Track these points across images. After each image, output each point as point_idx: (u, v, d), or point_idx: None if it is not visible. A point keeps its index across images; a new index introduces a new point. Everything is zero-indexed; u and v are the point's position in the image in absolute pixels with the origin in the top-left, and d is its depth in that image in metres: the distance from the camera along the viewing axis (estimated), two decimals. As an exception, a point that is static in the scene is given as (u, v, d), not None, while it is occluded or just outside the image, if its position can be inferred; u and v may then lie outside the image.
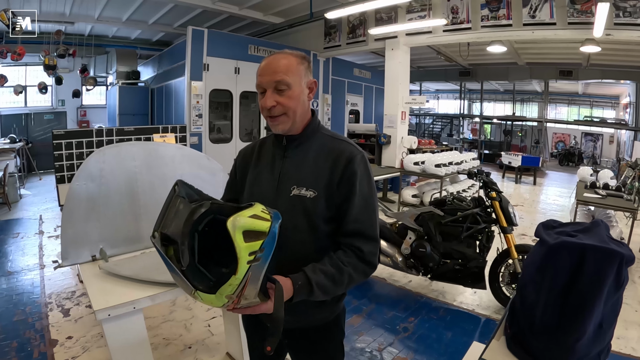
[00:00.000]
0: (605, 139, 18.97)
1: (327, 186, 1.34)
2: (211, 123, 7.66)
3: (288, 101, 1.33)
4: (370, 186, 1.39)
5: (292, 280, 1.22)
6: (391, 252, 4.13)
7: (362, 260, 1.33)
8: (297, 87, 1.35)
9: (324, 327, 1.50)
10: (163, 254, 1.10)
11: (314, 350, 1.53)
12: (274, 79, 1.31)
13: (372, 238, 1.36)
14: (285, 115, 1.35)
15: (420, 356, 3.10)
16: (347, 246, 1.34)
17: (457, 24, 7.05)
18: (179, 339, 3.23)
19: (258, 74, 1.36)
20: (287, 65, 1.33)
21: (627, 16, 5.60)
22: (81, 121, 13.09)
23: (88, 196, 2.32)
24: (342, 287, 1.32)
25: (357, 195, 1.34)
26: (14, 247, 5.35)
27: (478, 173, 4.20)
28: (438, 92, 23.38)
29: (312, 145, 1.42)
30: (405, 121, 8.35)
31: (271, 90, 1.33)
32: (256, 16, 9.16)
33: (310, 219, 1.33)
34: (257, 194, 1.41)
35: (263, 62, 1.37)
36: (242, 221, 1.00)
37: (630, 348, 3.21)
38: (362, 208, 1.34)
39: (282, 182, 1.39)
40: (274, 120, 1.36)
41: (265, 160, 1.47)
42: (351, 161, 1.35)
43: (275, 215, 1.08)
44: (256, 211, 1.05)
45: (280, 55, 1.36)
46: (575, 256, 1.31)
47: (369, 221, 1.36)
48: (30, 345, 3.06)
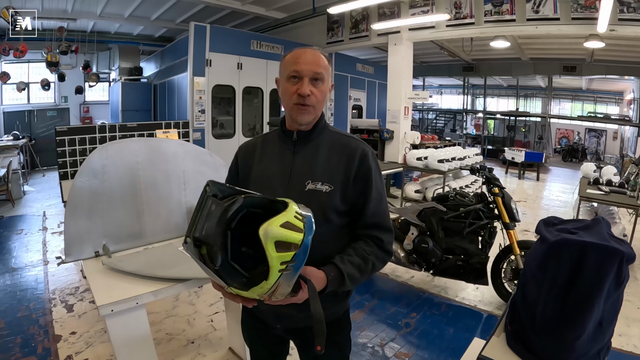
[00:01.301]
0: (609, 135, 18.88)
1: (343, 181, 1.38)
2: (214, 119, 7.67)
3: (320, 94, 1.38)
4: (382, 181, 1.47)
5: (325, 273, 1.26)
6: (393, 248, 4.13)
7: (382, 249, 1.40)
8: (327, 84, 1.41)
9: (334, 321, 1.51)
10: (196, 257, 1.08)
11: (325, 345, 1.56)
12: (314, 70, 1.35)
13: (389, 229, 1.44)
14: (314, 106, 1.39)
15: (422, 352, 3.11)
16: (367, 237, 1.40)
17: (460, 19, 7.02)
18: (182, 334, 3.25)
19: (295, 61, 1.36)
20: (323, 60, 1.38)
21: (632, 11, 5.56)
22: (84, 117, 13.10)
23: (91, 192, 2.33)
24: (367, 276, 1.37)
25: (374, 189, 1.40)
26: (18, 243, 5.38)
27: (481, 169, 4.19)
28: (441, 88, 23.28)
29: (322, 141, 1.45)
30: (408, 116, 8.33)
31: (308, 79, 1.35)
32: (259, 11, 9.13)
33: (325, 213, 1.37)
34: (265, 190, 1.38)
35: (300, 51, 1.38)
36: (274, 231, 0.99)
37: (632, 345, 3.21)
38: (377, 202, 1.41)
39: (294, 178, 1.41)
40: (303, 108, 1.37)
41: (272, 156, 1.48)
42: (365, 157, 1.41)
43: (308, 221, 1.06)
44: (289, 217, 1.03)
45: (317, 51, 1.39)
46: (576, 254, 1.31)
47: (385, 214, 1.44)
48: (34, 340, 3.08)
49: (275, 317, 1.48)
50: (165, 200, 2.65)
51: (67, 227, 2.27)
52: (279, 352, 1.70)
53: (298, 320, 1.45)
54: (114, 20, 10.01)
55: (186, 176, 2.72)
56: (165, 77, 8.89)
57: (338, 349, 1.59)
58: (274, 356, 1.70)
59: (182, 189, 2.71)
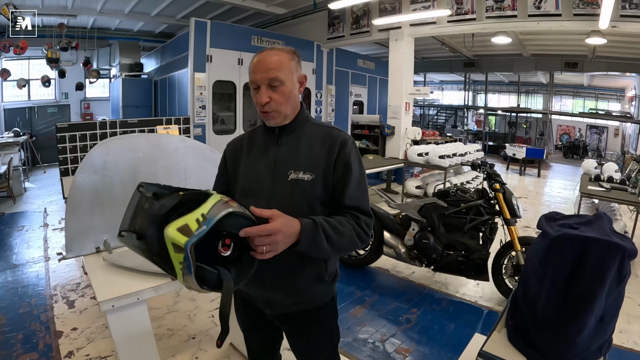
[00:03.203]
0: (610, 131, 18.85)
1: (324, 169, 1.41)
2: (215, 114, 7.66)
3: (281, 97, 1.39)
4: (361, 167, 1.47)
5: (299, 220, 1.25)
6: (394, 243, 4.14)
7: (359, 226, 1.39)
8: (290, 82, 1.41)
9: (321, 307, 1.55)
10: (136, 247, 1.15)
11: (313, 332, 1.58)
12: (267, 76, 1.36)
13: (367, 212, 1.44)
14: (277, 111, 1.41)
15: (423, 347, 3.11)
16: (346, 212, 1.41)
17: (462, 15, 7.00)
18: (183, 330, 3.25)
19: (251, 70, 1.40)
20: (279, 62, 1.38)
21: (634, 8, 5.53)
22: (85, 114, 13.09)
23: (92, 188, 2.33)
24: (344, 241, 1.34)
25: (353, 174, 1.41)
26: (19, 240, 5.38)
27: (482, 165, 4.19)
28: (442, 83, 23.25)
29: (304, 131, 1.48)
30: (409, 112, 8.33)
31: (265, 87, 1.38)
32: (259, 7, 9.11)
33: (309, 202, 1.40)
34: (254, 181, 1.47)
35: (255, 59, 1.41)
36: (168, 234, 1.04)
37: (632, 342, 3.21)
38: (356, 186, 1.42)
39: (278, 167, 1.44)
40: (267, 115, 1.41)
41: (258, 149, 1.52)
42: (345, 144, 1.43)
43: (206, 224, 1.07)
44: (190, 219, 1.06)
45: (271, 52, 1.40)
46: (578, 249, 1.31)
47: (363, 198, 1.45)
48: (35, 336, 3.09)
49: (265, 303, 1.52)
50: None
51: (68, 223, 2.27)
52: (271, 339, 1.73)
53: (286, 306, 1.50)
54: (114, 17, 9.99)
55: (187, 171, 2.72)
56: (165, 73, 8.87)
57: (327, 337, 1.62)
58: (268, 344, 1.74)
59: (183, 185, 2.69)
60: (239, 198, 1.44)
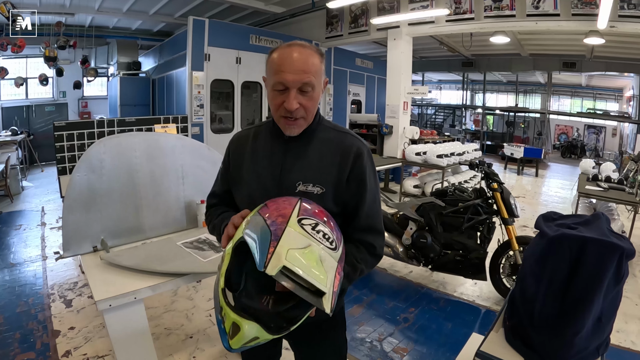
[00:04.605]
0: (608, 131, 18.88)
1: (335, 183, 1.30)
2: (212, 113, 7.64)
3: (310, 103, 1.25)
4: (376, 181, 1.40)
5: None
6: (392, 243, 4.14)
7: (372, 255, 1.36)
8: (319, 87, 1.26)
9: (330, 319, 1.46)
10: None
11: (321, 344, 1.55)
12: (301, 80, 1.19)
13: (381, 232, 1.39)
14: (304, 118, 1.27)
15: (421, 347, 3.11)
16: (359, 242, 1.34)
17: (460, 14, 7.00)
18: (181, 329, 3.25)
19: (281, 69, 1.19)
20: (315, 65, 1.22)
21: (632, 8, 5.54)
22: (82, 112, 13.05)
23: (89, 187, 2.32)
24: (353, 282, 1.33)
25: (368, 191, 1.33)
26: (17, 239, 5.36)
27: (480, 164, 4.19)
28: (440, 83, 23.25)
29: (315, 139, 1.34)
30: (407, 111, 8.33)
31: (296, 91, 1.20)
32: (257, 6, 9.08)
33: None
34: (258, 189, 1.35)
35: (286, 53, 1.22)
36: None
37: (629, 342, 3.22)
38: (371, 203, 1.35)
39: (285, 178, 1.31)
40: (292, 122, 1.26)
41: (263, 154, 1.38)
42: (359, 157, 1.31)
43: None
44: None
45: (304, 50, 1.22)
46: (575, 249, 1.31)
47: (378, 216, 1.38)
48: (33, 336, 3.08)
49: None
50: (164, 194, 2.64)
51: (65, 222, 2.26)
52: (271, 354, 1.67)
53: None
54: (112, 15, 9.94)
55: (184, 170, 2.71)
56: (163, 71, 8.85)
57: (335, 349, 1.59)
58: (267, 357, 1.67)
59: (180, 183, 2.70)
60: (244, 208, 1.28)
